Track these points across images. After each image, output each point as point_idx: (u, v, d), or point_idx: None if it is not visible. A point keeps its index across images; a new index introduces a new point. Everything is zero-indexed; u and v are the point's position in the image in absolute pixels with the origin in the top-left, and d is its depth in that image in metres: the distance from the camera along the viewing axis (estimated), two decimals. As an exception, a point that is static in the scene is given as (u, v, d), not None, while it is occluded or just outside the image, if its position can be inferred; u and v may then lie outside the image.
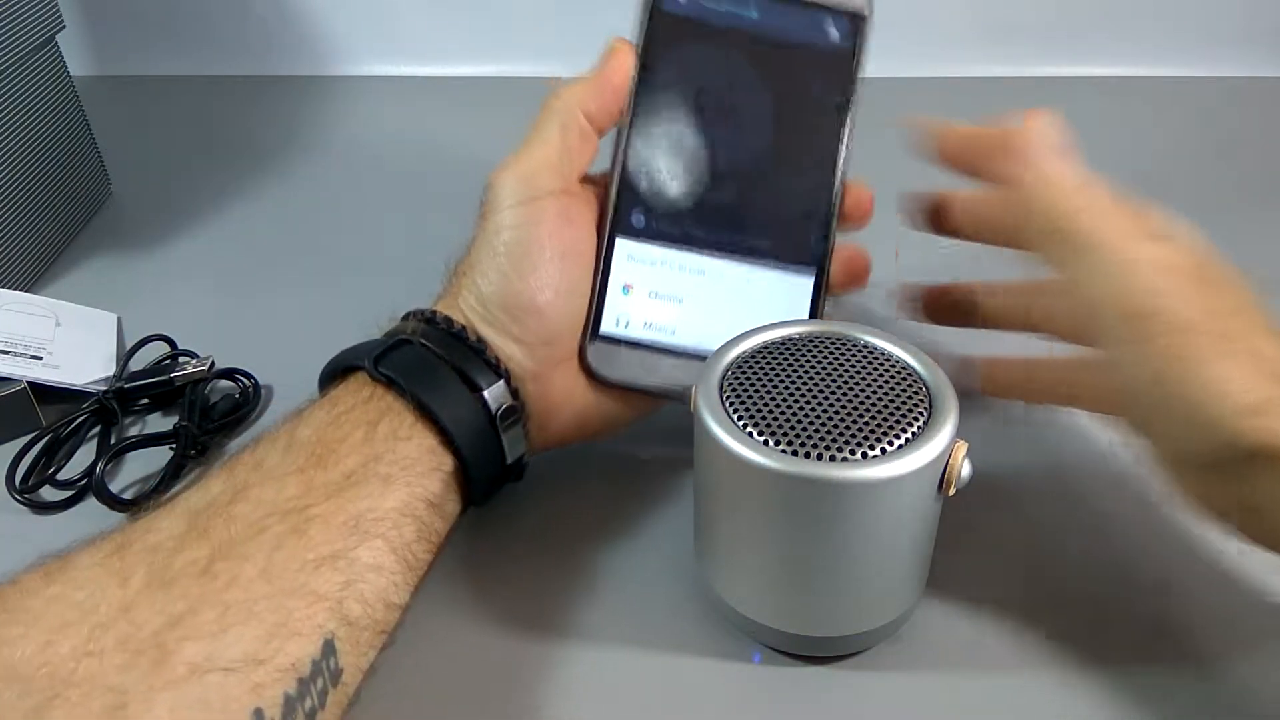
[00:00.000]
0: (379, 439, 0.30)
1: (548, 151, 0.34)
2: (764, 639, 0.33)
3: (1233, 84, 0.72)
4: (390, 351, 0.32)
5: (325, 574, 0.26)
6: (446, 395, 0.31)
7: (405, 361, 0.32)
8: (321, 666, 0.25)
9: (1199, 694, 0.31)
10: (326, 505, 0.27)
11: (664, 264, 0.34)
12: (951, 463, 0.29)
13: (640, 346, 0.33)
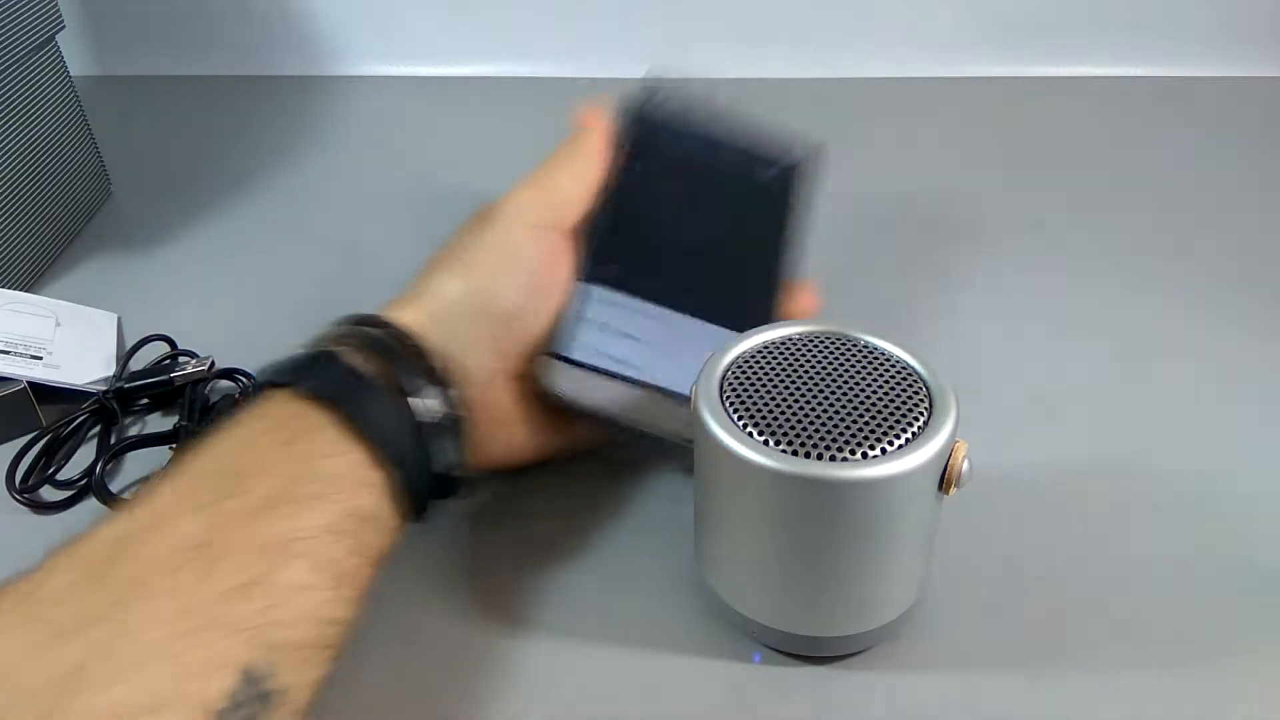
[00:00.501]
0: (299, 458, 0.29)
1: (575, 186, 0.38)
2: (764, 639, 0.33)
3: (1233, 84, 0.72)
4: (316, 365, 0.31)
5: (238, 604, 0.25)
6: (374, 406, 0.30)
7: (332, 374, 0.31)
8: (243, 696, 0.24)
9: (1199, 694, 0.31)
10: (239, 534, 0.26)
11: (624, 308, 0.37)
12: (951, 463, 0.29)
13: (591, 369, 0.36)
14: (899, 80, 0.75)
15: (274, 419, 0.30)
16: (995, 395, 0.42)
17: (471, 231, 0.37)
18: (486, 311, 0.35)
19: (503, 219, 0.36)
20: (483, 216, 0.37)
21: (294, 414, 0.30)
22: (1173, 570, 0.36)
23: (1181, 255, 0.53)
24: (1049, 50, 0.74)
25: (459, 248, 0.37)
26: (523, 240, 0.36)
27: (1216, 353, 0.46)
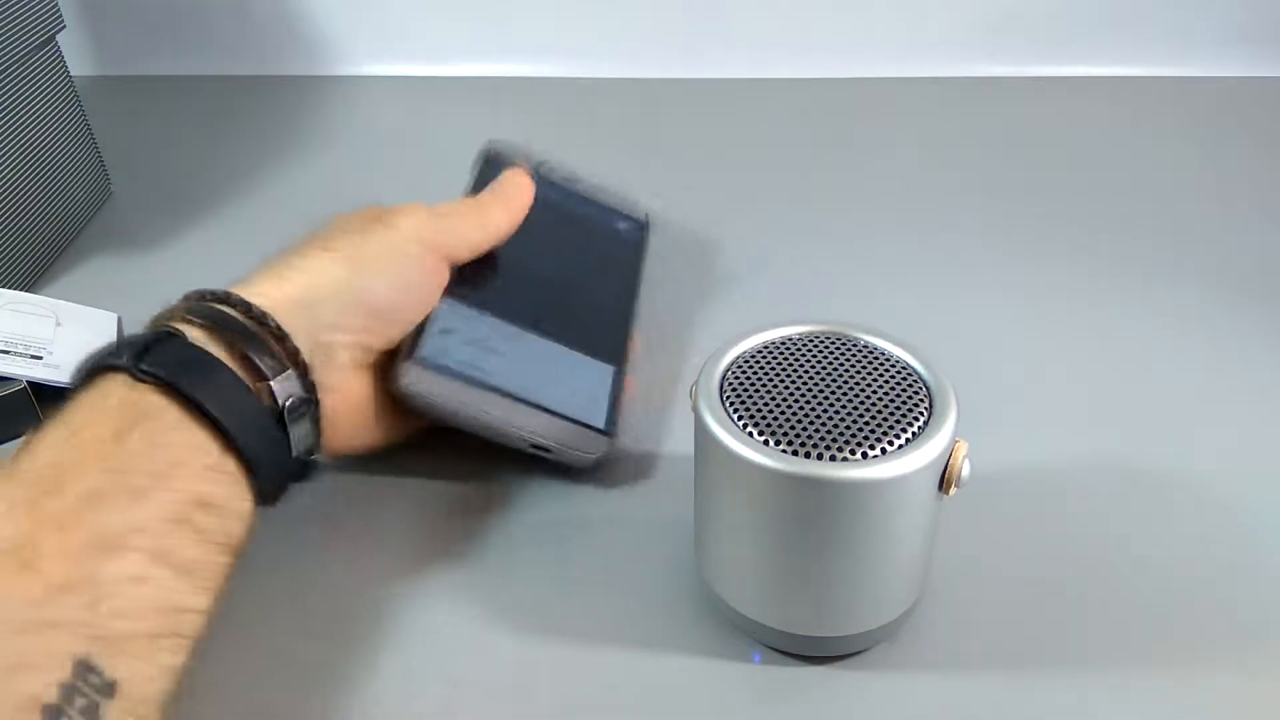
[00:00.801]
0: (130, 451, 0.27)
1: (478, 234, 0.41)
2: (764, 639, 0.33)
3: (1233, 84, 0.72)
4: (155, 344, 0.30)
5: (61, 603, 0.24)
6: (221, 388, 0.29)
7: (171, 354, 0.29)
8: (76, 688, 0.23)
9: (1199, 693, 0.31)
10: (59, 536, 0.25)
11: (487, 325, 0.39)
12: (951, 463, 0.29)
13: (451, 375, 0.37)
14: (899, 80, 0.75)
15: (104, 407, 0.28)
16: (995, 395, 0.42)
17: (356, 228, 0.38)
18: (362, 303, 0.35)
19: (399, 229, 0.38)
20: (371, 217, 0.38)
21: (128, 400, 0.28)
22: (1173, 570, 0.36)
23: (1182, 255, 0.53)
24: (1049, 50, 0.74)
25: (341, 237, 0.37)
26: (412, 251, 0.38)
27: (1217, 352, 0.46)
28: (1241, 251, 0.53)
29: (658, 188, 0.62)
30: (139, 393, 0.28)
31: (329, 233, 0.38)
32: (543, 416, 0.37)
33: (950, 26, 0.75)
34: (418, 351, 0.37)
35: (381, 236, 0.37)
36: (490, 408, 0.37)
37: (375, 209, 0.39)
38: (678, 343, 0.48)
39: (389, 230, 0.38)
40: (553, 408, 0.37)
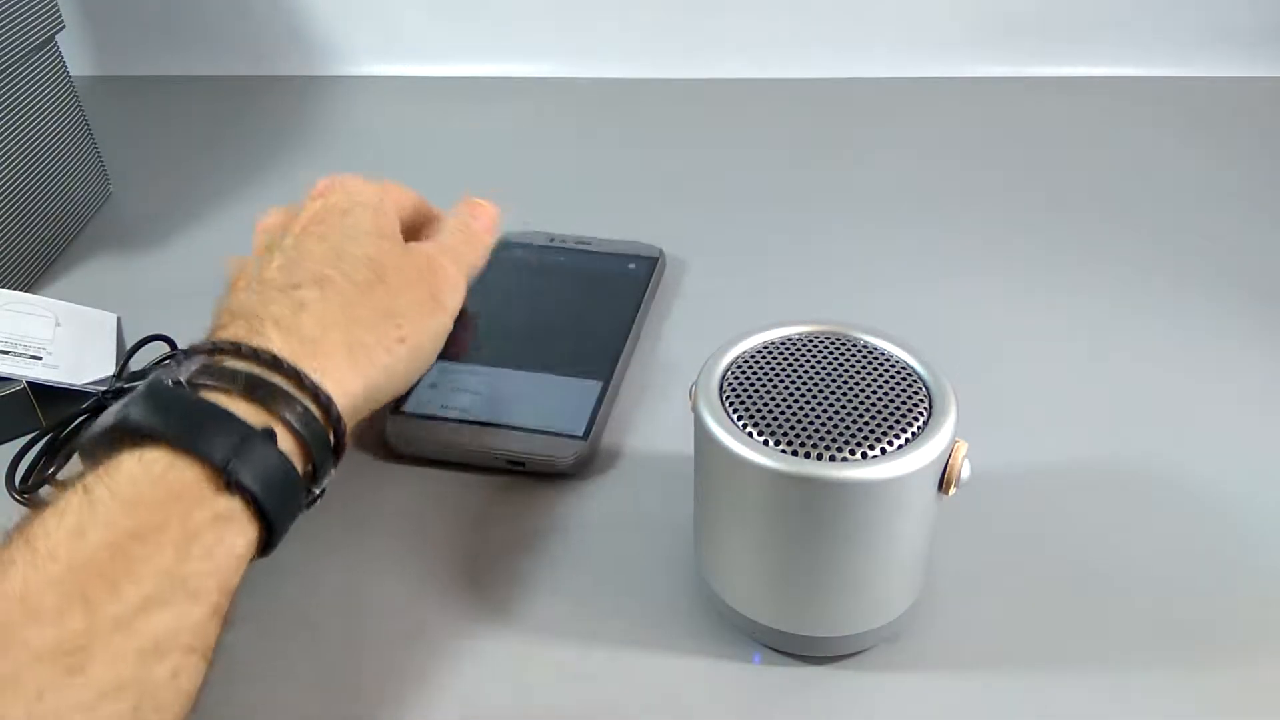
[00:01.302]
0: (195, 557, 0.26)
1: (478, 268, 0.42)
2: (764, 639, 0.33)
3: (1233, 84, 0.72)
4: (200, 419, 0.27)
5: (109, 707, 0.23)
6: (293, 504, 0.28)
7: (260, 463, 0.27)
8: None
9: (1198, 693, 0.31)
10: (114, 641, 0.24)
11: (467, 372, 0.44)
12: (951, 463, 0.29)
13: (427, 419, 0.42)
14: (899, 80, 0.75)
15: (162, 492, 0.26)
16: (995, 395, 0.42)
17: (412, 294, 0.36)
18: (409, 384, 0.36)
19: (448, 311, 0.38)
20: (418, 270, 0.37)
21: (181, 485, 0.26)
22: (1173, 570, 0.36)
23: (1181, 255, 0.53)
24: (1049, 50, 0.74)
25: (410, 315, 0.35)
26: (454, 309, 0.39)
27: (1217, 352, 0.46)
28: (1242, 251, 0.53)
29: (658, 187, 0.62)
30: (191, 477, 0.26)
31: (394, 295, 0.35)
32: (512, 434, 0.40)
33: (950, 26, 0.74)
34: (402, 407, 0.42)
35: (437, 324, 0.37)
36: (463, 437, 0.41)
37: (413, 211, 0.40)
38: (678, 342, 0.48)
39: (442, 315, 0.37)
40: (521, 424, 0.41)
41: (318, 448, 0.29)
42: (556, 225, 0.55)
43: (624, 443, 0.42)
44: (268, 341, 0.30)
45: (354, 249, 0.35)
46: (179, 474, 0.26)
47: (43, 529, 0.25)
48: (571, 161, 0.66)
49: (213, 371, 0.29)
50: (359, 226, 0.36)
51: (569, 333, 0.47)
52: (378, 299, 0.34)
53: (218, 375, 0.28)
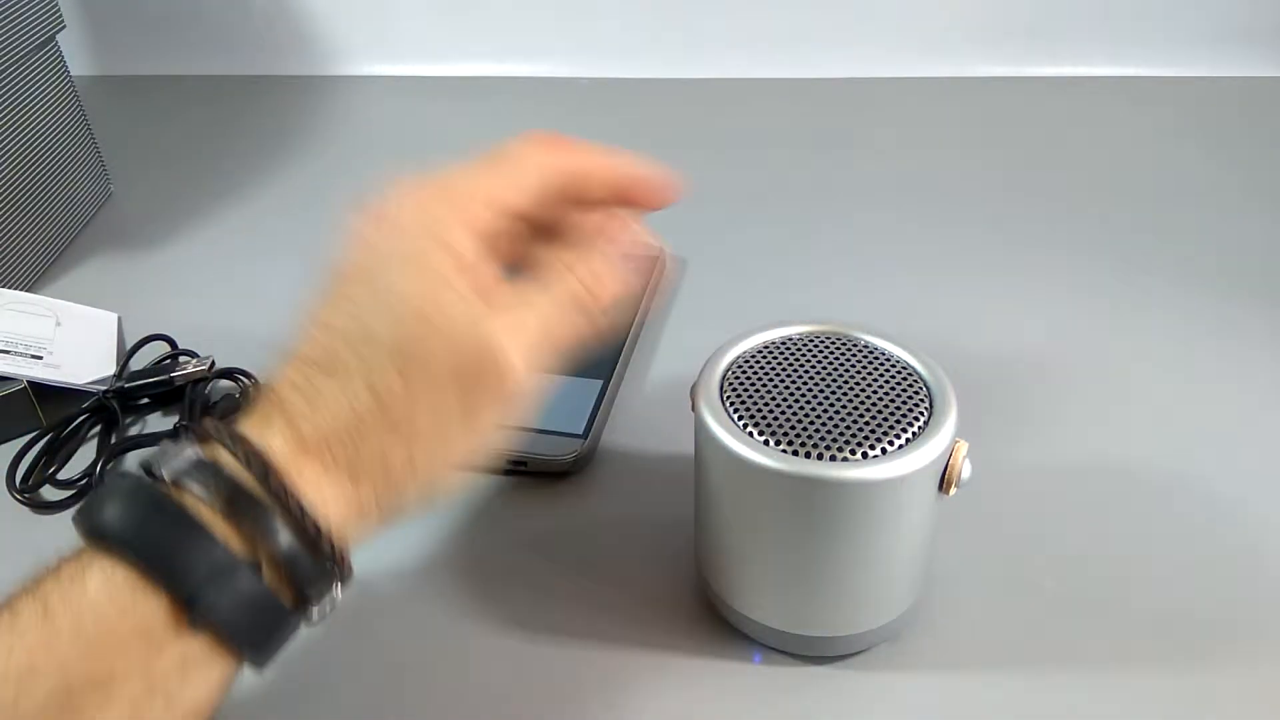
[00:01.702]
0: (157, 706, 0.24)
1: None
2: (764, 639, 0.33)
3: (1233, 84, 0.72)
4: (175, 536, 0.24)
5: None
6: (278, 639, 0.25)
7: (235, 598, 0.24)
8: None
9: (1199, 692, 0.31)
10: None
11: None
12: (951, 463, 0.29)
13: None
14: (899, 80, 0.75)
15: (126, 628, 0.24)
16: (995, 395, 0.42)
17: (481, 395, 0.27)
18: (402, 507, 0.28)
19: (500, 372, 0.27)
20: (430, 302, 0.27)
21: (148, 619, 0.24)
22: (1172, 570, 0.36)
23: (1181, 255, 0.53)
24: (1049, 50, 0.74)
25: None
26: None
27: (1217, 352, 0.46)
28: (1242, 251, 0.53)
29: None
30: (186, 638, 0.24)
31: (411, 402, 0.27)
32: (512, 433, 0.38)
33: (950, 26, 0.74)
34: None
35: (455, 451, 0.28)
36: None
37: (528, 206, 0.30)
38: (679, 342, 0.48)
39: (467, 438, 0.28)
40: (520, 424, 0.39)
41: (302, 578, 0.25)
42: (556, 225, 0.55)
43: (624, 443, 0.42)
44: (270, 437, 0.26)
45: (381, 328, 0.27)
46: (145, 605, 0.24)
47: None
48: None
49: (201, 470, 0.25)
50: (395, 289, 0.27)
51: None
52: (391, 407, 0.26)
53: (204, 477, 0.25)
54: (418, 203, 0.29)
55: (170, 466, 0.25)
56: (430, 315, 0.27)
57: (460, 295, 0.27)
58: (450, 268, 0.27)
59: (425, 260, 0.28)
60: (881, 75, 0.75)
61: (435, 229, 0.28)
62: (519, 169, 0.30)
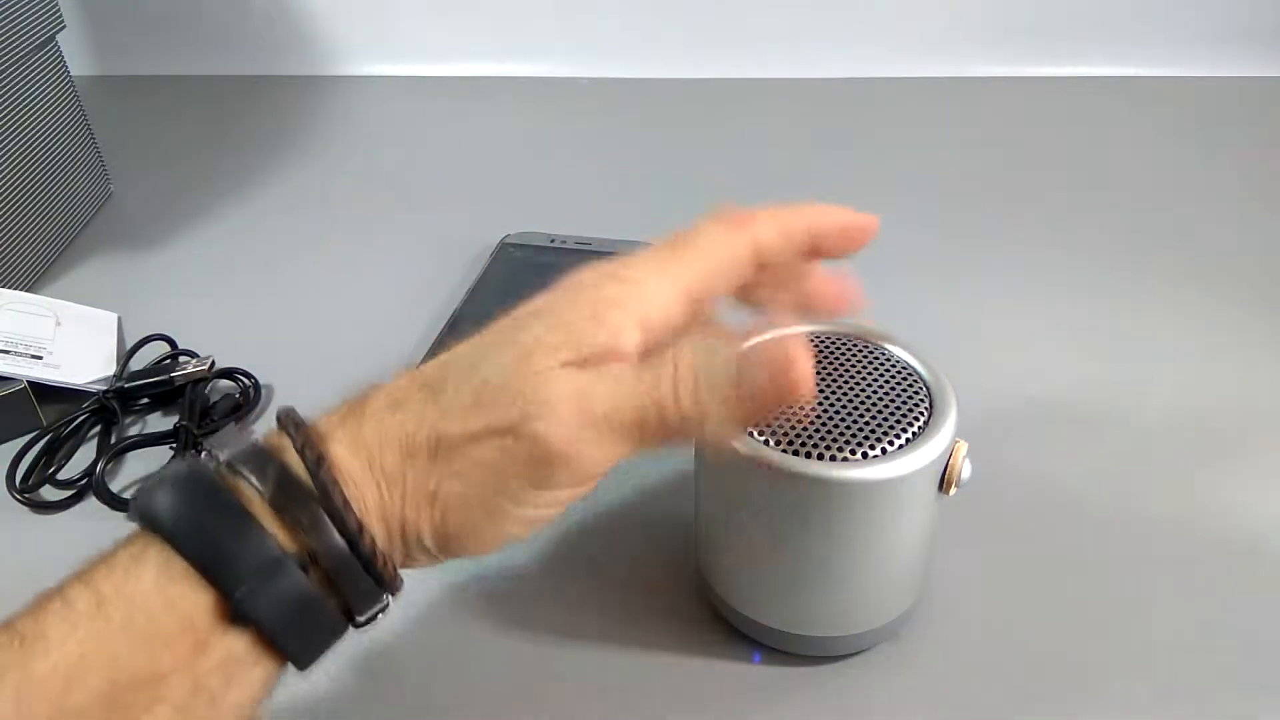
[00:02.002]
0: (199, 704, 0.24)
1: None
2: (764, 639, 0.33)
3: (1233, 84, 0.72)
4: (224, 528, 0.24)
5: None
6: (277, 592, 0.24)
7: (237, 546, 0.24)
8: None
9: (1200, 692, 0.31)
10: None
11: None
12: (951, 463, 0.29)
13: None
14: (899, 80, 0.75)
15: (173, 623, 0.24)
16: (995, 395, 0.42)
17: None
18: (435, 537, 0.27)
19: (563, 458, 0.26)
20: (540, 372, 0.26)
21: (194, 613, 0.24)
22: (1172, 570, 0.36)
23: (1182, 254, 0.53)
24: (1049, 50, 0.74)
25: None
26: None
27: (1217, 353, 0.46)
28: (1242, 251, 0.53)
29: (658, 187, 0.62)
30: (229, 636, 0.24)
31: (463, 447, 0.26)
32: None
33: (950, 26, 0.74)
34: None
35: (483, 519, 0.27)
36: None
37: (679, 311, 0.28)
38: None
39: (502, 524, 0.27)
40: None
41: (344, 577, 0.25)
42: (556, 225, 0.55)
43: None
44: (338, 432, 0.26)
45: (487, 366, 0.27)
46: (192, 599, 0.24)
47: (44, 643, 0.23)
48: (571, 161, 0.66)
49: (256, 456, 0.25)
50: (529, 328, 0.27)
51: None
52: (448, 435, 0.26)
53: (257, 464, 0.25)
54: (599, 279, 0.28)
55: (228, 452, 0.25)
56: (530, 361, 0.26)
57: (558, 363, 0.26)
58: (585, 341, 0.26)
59: (568, 324, 0.27)
60: (881, 75, 0.75)
61: (599, 308, 0.27)
62: (700, 256, 0.29)
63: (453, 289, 0.51)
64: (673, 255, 0.29)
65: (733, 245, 0.29)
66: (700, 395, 0.25)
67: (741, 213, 0.30)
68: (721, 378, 0.25)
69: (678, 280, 0.28)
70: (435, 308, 0.50)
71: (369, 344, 0.48)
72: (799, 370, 0.25)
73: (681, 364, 0.26)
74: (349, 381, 0.48)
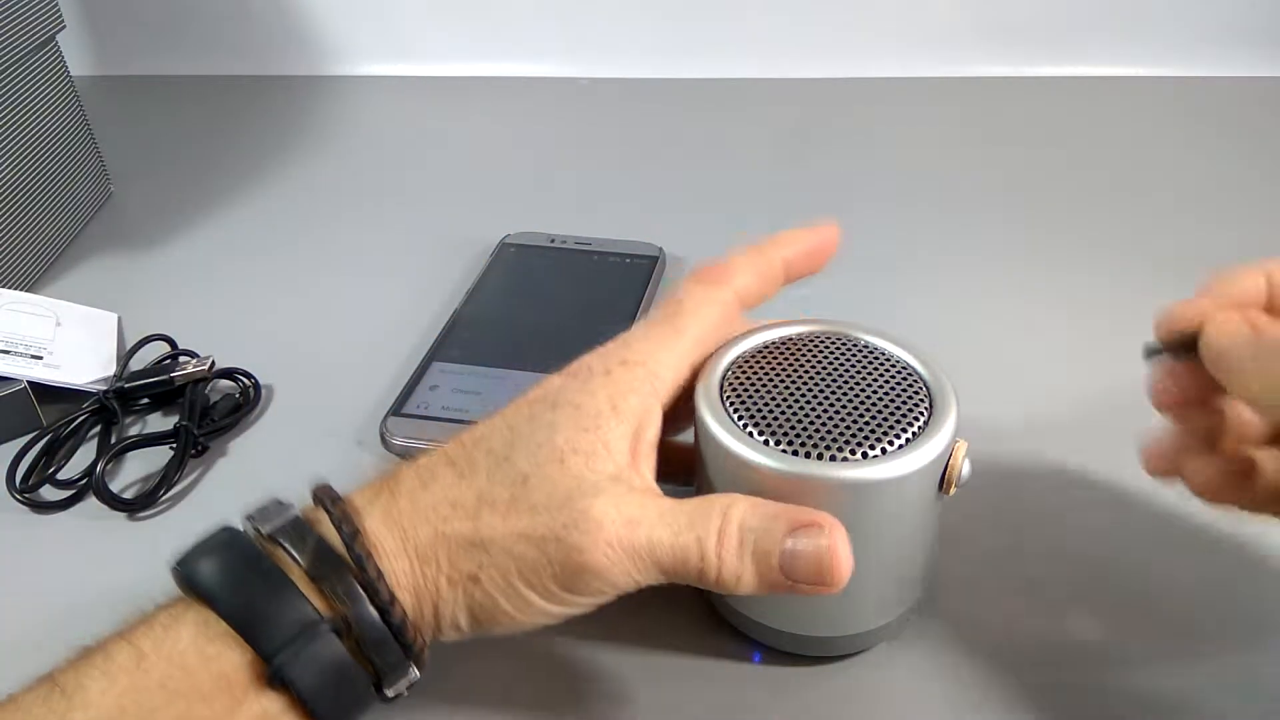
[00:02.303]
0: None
1: None
2: (764, 639, 0.33)
3: (1232, 84, 0.72)
4: (264, 593, 0.25)
5: None
6: (313, 658, 0.25)
7: (275, 610, 0.25)
8: None
9: (1199, 691, 0.31)
10: None
11: (463, 374, 0.44)
12: (952, 463, 0.29)
13: (424, 418, 0.42)
14: (899, 80, 0.75)
15: (208, 680, 0.24)
16: (995, 394, 0.42)
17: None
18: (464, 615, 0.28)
19: (594, 549, 0.27)
20: (582, 452, 0.28)
21: (230, 672, 0.25)
22: (1173, 569, 0.36)
23: (1181, 255, 0.53)
24: (1049, 50, 0.74)
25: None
26: None
27: (1216, 353, 0.46)
28: (1242, 251, 0.53)
29: (658, 187, 0.62)
30: (263, 696, 0.25)
31: (503, 523, 0.27)
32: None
33: (950, 26, 0.74)
34: (401, 408, 0.42)
35: (516, 596, 0.28)
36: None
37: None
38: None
39: (539, 604, 0.28)
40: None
41: (375, 650, 0.26)
42: (556, 225, 0.55)
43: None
44: (372, 506, 0.27)
45: (520, 457, 0.28)
46: (229, 657, 0.25)
47: (83, 695, 0.24)
48: (571, 161, 0.66)
49: (295, 527, 0.27)
50: (555, 424, 0.28)
51: (569, 333, 0.47)
52: (485, 522, 0.27)
53: (296, 535, 0.26)
54: (607, 364, 0.30)
55: (268, 523, 0.27)
56: (566, 464, 0.27)
57: (599, 474, 0.27)
58: (614, 440, 0.28)
59: (593, 420, 0.28)
60: (881, 75, 0.75)
61: (616, 398, 0.29)
62: (695, 322, 0.31)
63: (453, 289, 0.51)
64: (671, 328, 0.31)
65: (721, 303, 0.31)
66: (744, 557, 0.27)
67: (718, 268, 0.32)
68: (767, 547, 0.27)
69: (680, 352, 0.30)
70: (435, 308, 0.50)
71: (369, 344, 0.48)
72: (841, 574, 0.26)
73: (730, 522, 0.27)
74: (349, 381, 0.48)
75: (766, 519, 0.27)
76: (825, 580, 0.26)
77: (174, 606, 0.26)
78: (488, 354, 0.45)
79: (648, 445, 0.29)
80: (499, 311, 0.48)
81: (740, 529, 0.27)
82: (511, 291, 0.50)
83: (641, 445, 0.29)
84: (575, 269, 0.52)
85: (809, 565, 0.26)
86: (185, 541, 0.27)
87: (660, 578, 0.27)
